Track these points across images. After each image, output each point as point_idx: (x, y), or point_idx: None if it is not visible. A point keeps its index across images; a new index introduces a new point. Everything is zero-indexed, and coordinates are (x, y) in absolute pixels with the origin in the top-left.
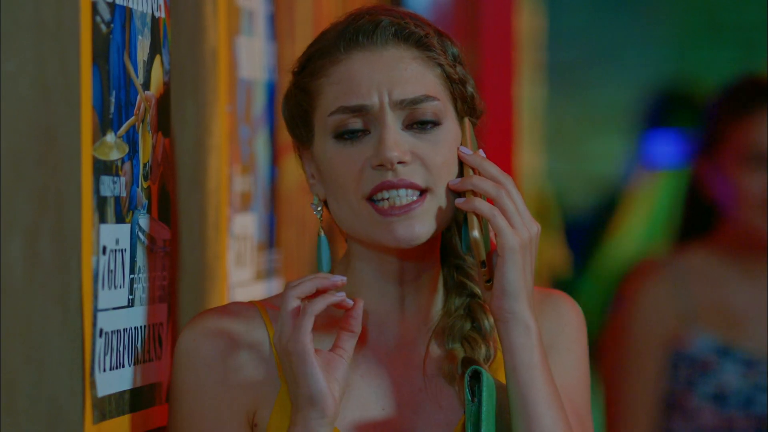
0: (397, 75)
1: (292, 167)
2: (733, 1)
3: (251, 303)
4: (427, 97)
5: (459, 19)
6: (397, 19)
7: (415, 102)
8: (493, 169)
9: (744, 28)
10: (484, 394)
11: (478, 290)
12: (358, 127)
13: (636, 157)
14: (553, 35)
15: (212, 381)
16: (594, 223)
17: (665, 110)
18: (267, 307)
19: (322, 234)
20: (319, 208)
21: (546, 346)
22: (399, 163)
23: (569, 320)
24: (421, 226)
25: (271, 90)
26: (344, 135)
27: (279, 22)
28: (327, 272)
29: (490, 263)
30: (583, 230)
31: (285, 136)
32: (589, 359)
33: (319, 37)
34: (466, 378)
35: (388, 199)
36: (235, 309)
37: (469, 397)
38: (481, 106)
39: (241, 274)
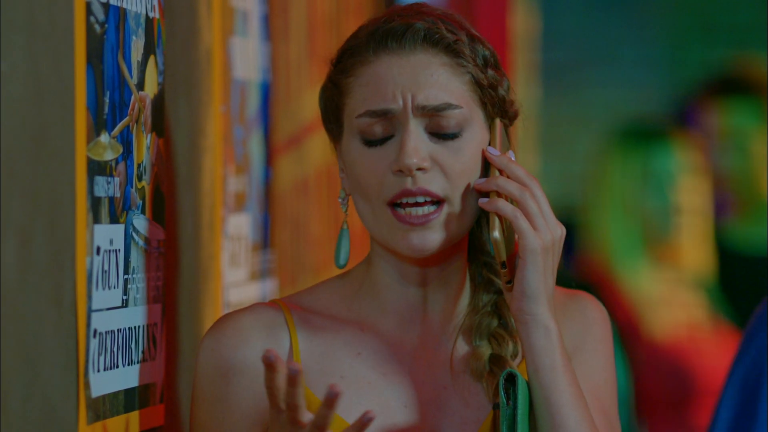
0: (423, 80)
1: (286, 168)
2: (725, 2)
3: (275, 303)
4: (450, 105)
5: None
6: (429, 23)
7: (438, 109)
8: (519, 171)
9: (736, 29)
10: (519, 397)
11: None
12: (382, 132)
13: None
14: (547, 36)
15: (232, 387)
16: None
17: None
18: (291, 309)
19: (345, 227)
20: (345, 201)
21: (573, 348)
22: (418, 169)
23: (594, 321)
24: (436, 236)
25: (266, 90)
26: (369, 138)
27: (273, 23)
28: (343, 265)
29: (511, 264)
30: (576, 231)
31: (279, 137)
32: (615, 359)
33: (356, 31)
34: (501, 381)
35: (406, 206)
36: (258, 312)
37: (504, 401)
38: (514, 108)
39: (235, 275)
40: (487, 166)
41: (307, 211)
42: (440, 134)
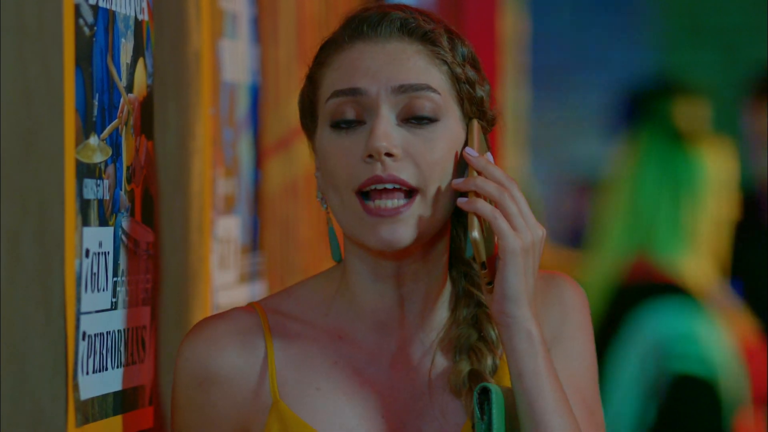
0: (398, 66)
1: (275, 170)
2: (714, 5)
3: (252, 307)
4: (428, 87)
5: None
6: (406, 14)
7: (413, 88)
8: (497, 172)
9: (726, 31)
10: (494, 411)
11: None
12: (353, 116)
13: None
14: (537, 38)
15: (208, 396)
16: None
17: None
18: (269, 314)
19: (330, 225)
20: (324, 200)
21: (552, 337)
22: (388, 155)
23: (573, 306)
24: (405, 230)
25: (255, 93)
26: (340, 124)
27: (262, 25)
28: (339, 260)
29: (491, 266)
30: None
31: (268, 139)
32: (594, 342)
33: (334, 30)
34: (475, 395)
35: (376, 197)
36: (234, 318)
37: (479, 415)
38: (493, 111)
39: (224, 277)
40: (464, 168)
41: (297, 213)
42: (414, 118)
